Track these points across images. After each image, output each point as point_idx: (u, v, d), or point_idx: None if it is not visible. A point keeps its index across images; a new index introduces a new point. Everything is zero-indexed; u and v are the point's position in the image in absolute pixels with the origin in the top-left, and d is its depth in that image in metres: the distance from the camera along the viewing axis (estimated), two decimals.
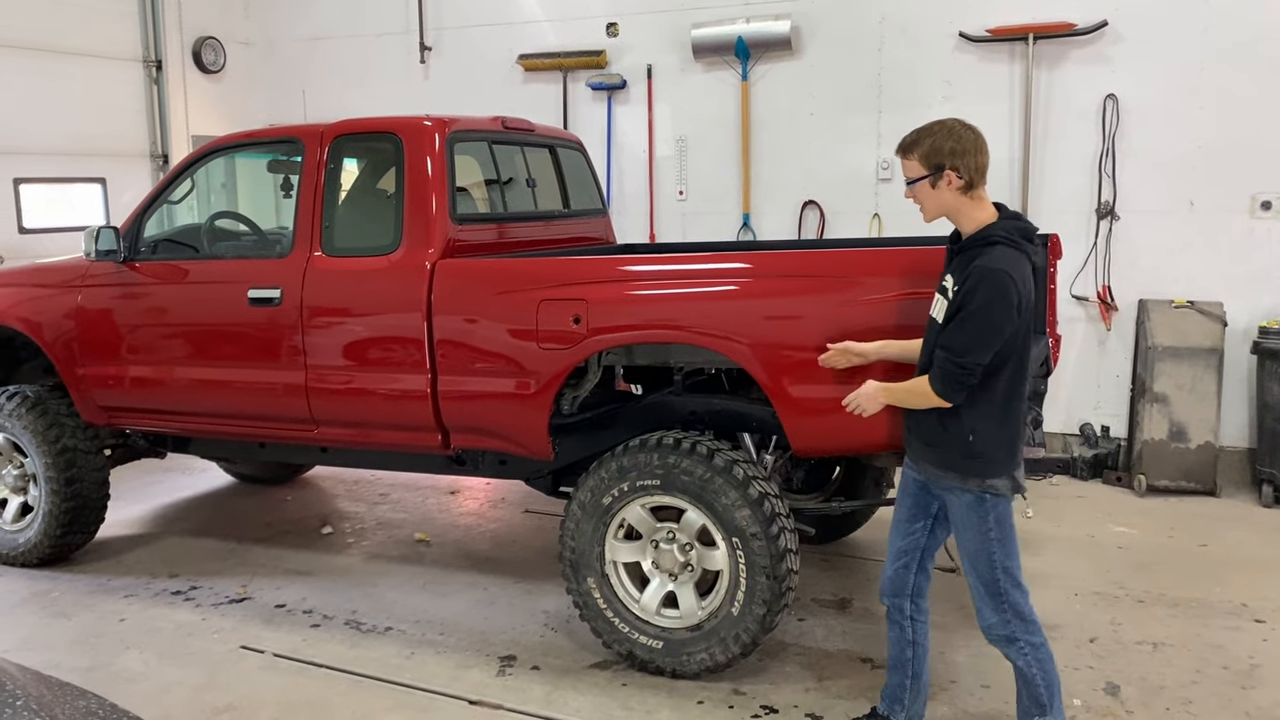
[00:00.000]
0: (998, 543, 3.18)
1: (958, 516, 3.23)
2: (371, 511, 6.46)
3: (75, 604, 5.03)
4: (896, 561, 3.47)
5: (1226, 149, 6.52)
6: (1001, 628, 3.23)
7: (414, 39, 8.74)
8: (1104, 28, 6.69)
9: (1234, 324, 6.52)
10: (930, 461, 3.27)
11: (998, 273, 3.00)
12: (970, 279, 3.03)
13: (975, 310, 3.01)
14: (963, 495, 3.18)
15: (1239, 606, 4.74)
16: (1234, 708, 3.84)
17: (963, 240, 3.18)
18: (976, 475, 3.15)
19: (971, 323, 3.02)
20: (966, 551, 3.24)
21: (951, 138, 3.13)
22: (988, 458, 3.15)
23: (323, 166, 4.71)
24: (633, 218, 8.10)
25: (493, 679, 4.18)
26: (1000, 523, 3.18)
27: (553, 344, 4.14)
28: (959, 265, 3.13)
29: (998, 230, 3.11)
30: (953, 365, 3.05)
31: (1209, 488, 6.39)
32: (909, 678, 3.56)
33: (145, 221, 5.14)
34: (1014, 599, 3.21)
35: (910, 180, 3.20)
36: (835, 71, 7.46)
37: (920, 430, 3.28)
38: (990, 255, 3.05)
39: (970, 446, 3.14)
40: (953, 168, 3.11)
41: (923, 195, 3.20)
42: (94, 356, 5.22)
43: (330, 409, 4.69)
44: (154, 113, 8.79)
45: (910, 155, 3.19)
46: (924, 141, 3.15)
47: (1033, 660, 3.23)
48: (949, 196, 3.15)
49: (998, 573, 3.19)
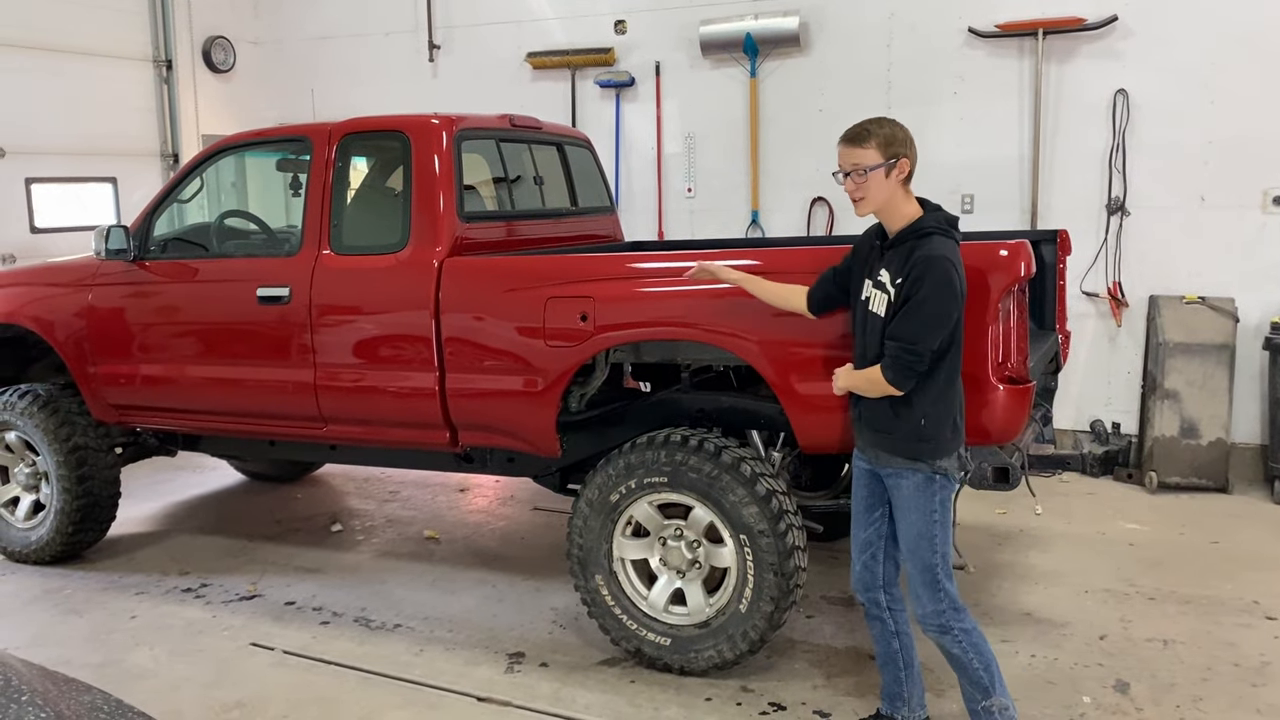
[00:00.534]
0: (940, 525, 3.25)
1: (904, 499, 3.29)
2: (381, 509, 6.48)
3: (87, 601, 5.05)
4: (863, 554, 3.50)
5: (1238, 144, 6.48)
6: (937, 617, 3.29)
7: (423, 37, 8.76)
8: (1114, 22, 6.65)
9: (1246, 320, 6.48)
10: (881, 447, 3.31)
11: (941, 260, 3.09)
12: (915, 269, 3.09)
13: (924, 299, 3.07)
14: (912, 477, 3.24)
15: (1250, 604, 4.71)
16: (1245, 705, 3.82)
17: (893, 235, 3.24)
18: (928, 457, 3.22)
19: (921, 311, 3.09)
20: (907, 535, 3.30)
21: (900, 129, 3.22)
22: (938, 440, 3.23)
23: (331, 165, 4.72)
24: (641, 215, 8.09)
25: (501, 676, 4.19)
26: (944, 505, 3.27)
27: (560, 341, 4.14)
28: (893, 258, 3.19)
29: (929, 222, 3.19)
30: (905, 354, 3.11)
31: (1221, 484, 6.36)
32: (902, 670, 3.58)
33: (155, 220, 5.16)
34: (948, 587, 3.29)
35: (867, 168, 3.19)
36: (844, 68, 7.44)
37: (871, 418, 3.32)
38: (931, 244, 3.13)
39: (922, 430, 3.21)
40: (906, 155, 3.19)
41: (875, 185, 3.21)
42: (104, 355, 5.24)
43: (339, 407, 4.71)
44: (164, 112, 8.83)
45: (865, 144, 3.20)
46: (880, 131, 3.21)
47: (968, 646, 3.29)
48: (893, 188, 3.20)
49: (937, 558, 3.26)
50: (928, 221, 3.19)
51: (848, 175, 3.24)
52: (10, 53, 7.62)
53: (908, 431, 3.23)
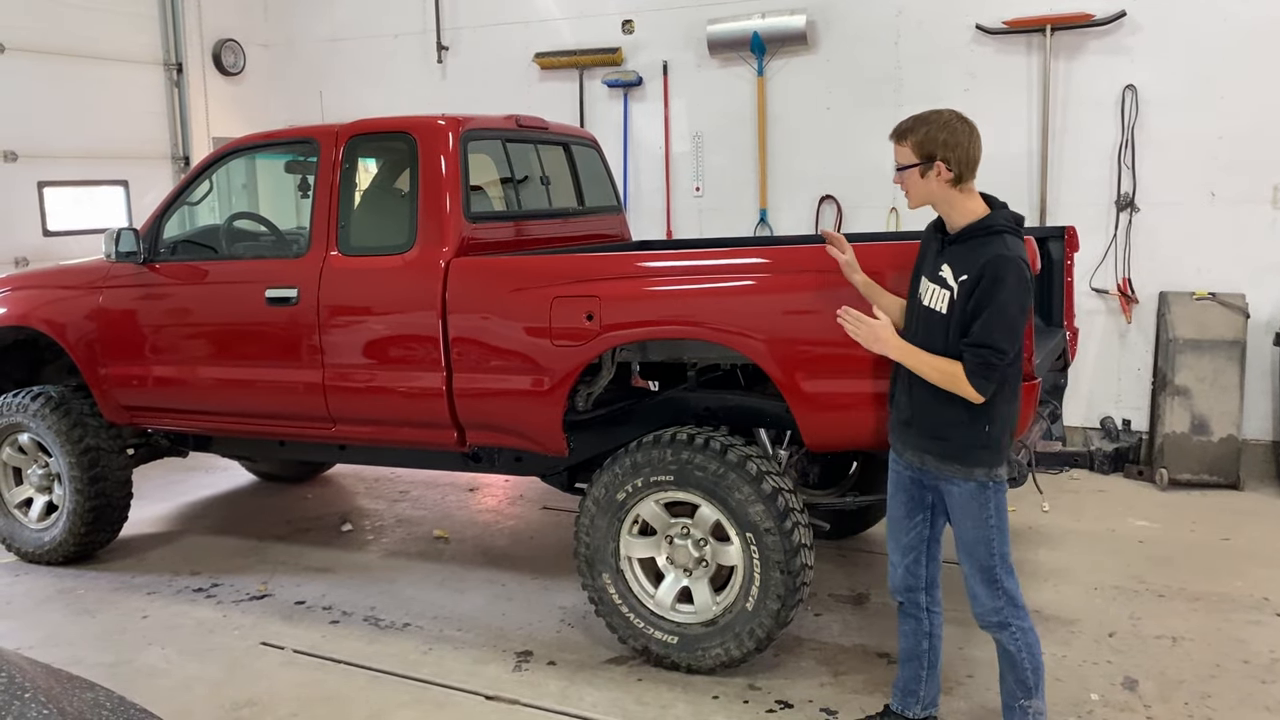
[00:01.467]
0: (997, 530, 3.20)
1: (958, 506, 3.23)
2: (391, 509, 6.50)
3: (99, 601, 5.09)
4: (905, 558, 3.46)
5: (1247, 139, 6.44)
6: (995, 614, 3.25)
7: (431, 39, 8.79)
8: (1122, 18, 6.63)
9: (1256, 315, 6.44)
10: (934, 453, 3.23)
11: (1014, 260, 3.02)
12: (988, 270, 3.00)
13: (1004, 302, 2.99)
14: (964, 485, 3.18)
15: (1260, 600, 4.70)
16: (1254, 702, 3.81)
17: (955, 231, 3.17)
18: (985, 465, 3.15)
19: (1003, 315, 3.00)
20: (964, 540, 3.25)
21: (945, 130, 3.13)
22: (998, 447, 3.16)
23: (338, 166, 4.75)
24: (649, 215, 8.10)
25: (509, 674, 4.20)
26: (999, 509, 3.21)
27: (566, 341, 4.16)
28: (958, 255, 3.12)
29: (998, 220, 3.12)
30: (995, 359, 3.01)
31: (1232, 481, 6.33)
32: (924, 669, 3.56)
33: (164, 223, 5.20)
34: (1008, 585, 3.24)
35: (900, 167, 3.21)
36: (852, 65, 7.44)
37: (926, 423, 3.23)
38: (1001, 244, 3.05)
39: (986, 436, 3.13)
40: (943, 159, 3.11)
41: (910, 183, 3.21)
42: (115, 357, 5.28)
43: (347, 407, 4.73)
44: (175, 115, 8.88)
45: (904, 142, 3.19)
46: (918, 130, 3.16)
47: (1022, 644, 3.26)
48: (936, 187, 3.16)
49: (995, 559, 3.21)
50: (996, 219, 3.11)
51: (897, 172, 3.23)
52: (22, 57, 7.68)
53: (969, 439, 3.14)
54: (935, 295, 3.17)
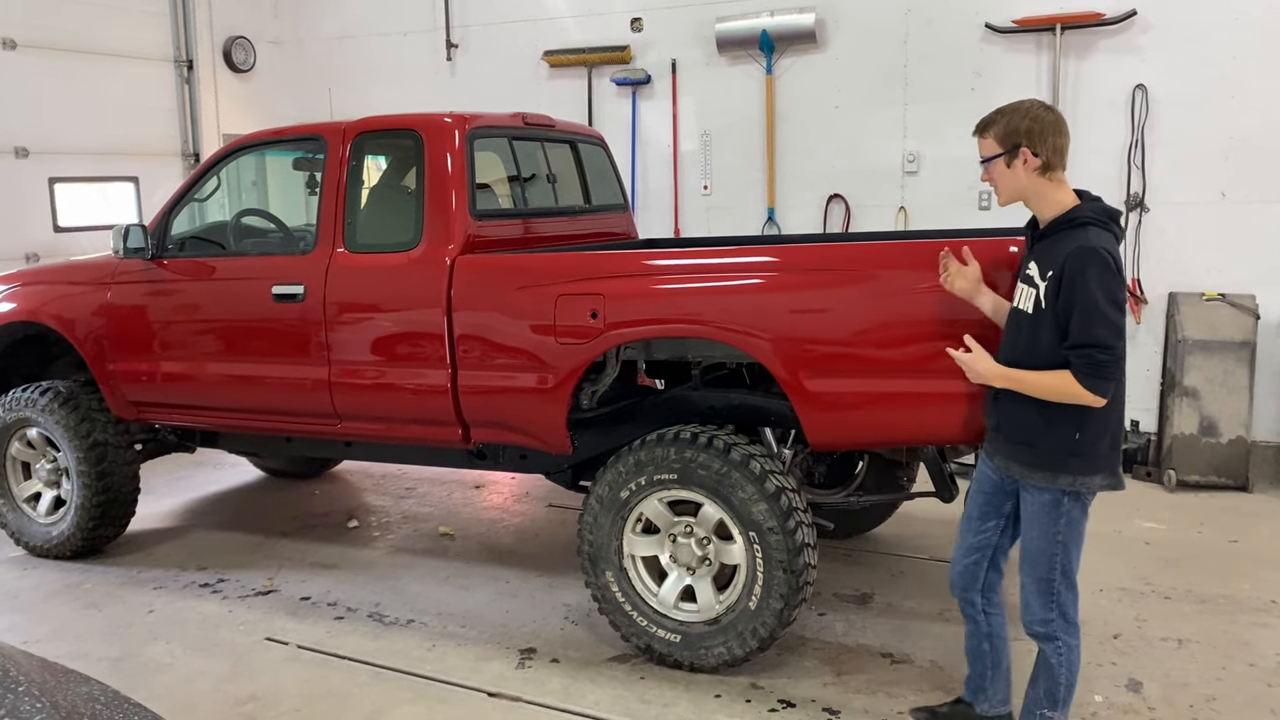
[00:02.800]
0: (1062, 545, 3.11)
1: (1030, 513, 3.15)
2: (397, 505, 6.52)
3: (106, 595, 5.12)
4: (967, 557, 3.40)
5: (1258, 139, 6.41)
6: (1045, 625, 3.19)
7: (440, 36, 8.80)
8: (1133, 17, 6.60)
9: (1266, 316, 6.41)
10: (1018, 460, 3.13)
11: (1098, 251, 2.90)
12: (1071, 263, 2.90)
13: (1093, 294, 2.87)
14: (1042, 494, 3.09)
15: (1268, 603, 4.67)
16: (1259, 705, 3.79)
17: (1044, 225, 3.08)
18: (1073, 473, 3.04)
19: (1100, 308, 2.87)
20: (1029, 548, 3.17)
21: (1028, 117, 3.06)
22: (1092, 455, 3.03)
23: (345, 164, 4.75)
24: (658, 213, 8.10)
25: (512, 671, 4.21)
26: (1071, 525, 3.10)
27: (570, 339, 4.16)
28: (1043, 251, 3.04)
29: (1085, 211, 3.01)
30: (1106, 357, 2.89)
31: (1241, 483, 6.29)
32: (989, 668, 3.53)
33: (173, 219, 5.21)
34: (1064, 600, 3.16)
35: (985, 159, 3.12)
36: (861, 64, 7.42)
37: (1015, 428, 3.14)
38: (1085, 235, 2.94)
39: (1077, 444, 3.01)
40: (1028, 145, 3.04)
41: (997, 175, 3.12)
42: (124, 352, 5.30)
43: (353, 403, 4.74)
44: (185, 112, 8.91)
45: (986, 134, 3.11)
46: (1000, 120, 3.08)
47: (1064, 660, 3.21)
48: (1024, 178, 3.07)
49: (1055, 573, 3.13)
50: (1082, 211, 3.00)
51: (983, 166, 3.15)
52: (33, 54, 7.72)
53: (1057, 444, 3.02)
54: (1024, 295, 3.08)
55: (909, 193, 7.38)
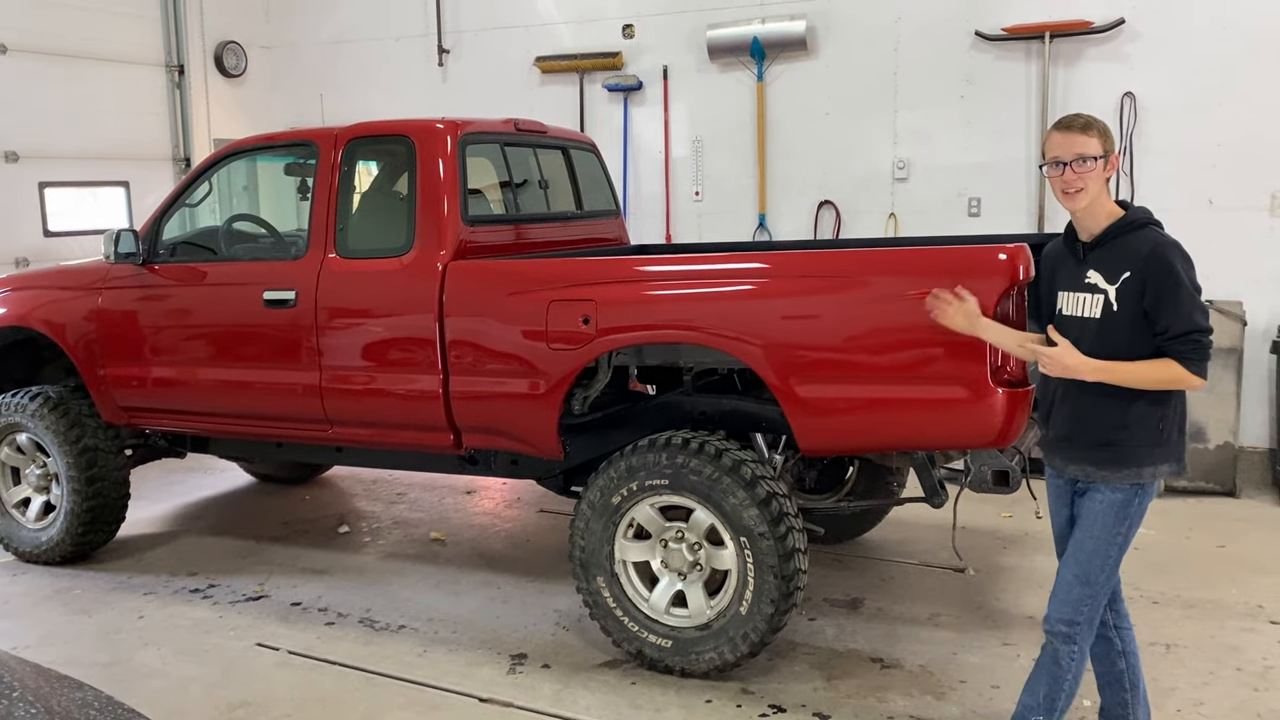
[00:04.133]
0: (1119, 546, 3.11)
1: (1095, 512, 3.11)
2: (388, 511, 6.51)
3: (96, 601, 5.10)
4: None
5: (1245, 146, 6.46)
6: (1069, 626, 3.14)
7: (432, 42, 8.81)
8: (1121, 25, 6.65)
9: (1254, 323, 6.45)
10: (1102, 462, 3.09)
11: (1177, 245, 3.01)
12: (1153, 261, 2.96)
13: (1182, 282, 2.94)
14: (1112, 493, 3.07)
15: (1255, 608, 4.70)
16: (1246, 709, 3.81)
17: (1097, 234, 3.10)
18: (1156, 462, 3.05)
19: (1186, 295, 2.94)
20: (1084, 547, 3.12)
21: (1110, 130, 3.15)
22: (1170, 443, 3.07)
23: (336, 169, 4.76)
24: (649, 219, 8.13)
25: (503, 677, 4.21)
26: (1133, 525, 3.10)
27: (562, 344, 4.17)
28: (1104, 257, 3.07)
29: (1141, 214, 3.10)
30: (1207, 340, 2.97)
31: (1228, 488, 6.33)
32: (1126, 690, 3.38)
33: (163, 224, 5.22)
34: (1097, 606, 3.14)
35: (1090, 157, 3.05)
36: (851, 71, 7.46)
37: (1098, 429, 3.09)
38: (1153, 234, 3.04)
39: (1159, 433, 3.04)
40: (1115, 153, 3.12)
41: (1093, 176, 3.07)
42: (114, 357, 5.29)
43: (344, 409, 4.74)
44: (176, 117, 8.92)
45: (1090, 132, 3.08)
46: (1099, 123, 3.12)
47: (1074, 666, 3.18)
48: (1103, 184, 3.11)
49: (1103, 575, 3.11)
50: (1139, 214, 3.09)
51: (1068, 165, 3.06)
52: (24, 58, 7.71)
53: (1143, 438, 3.03)
54: (1084, 303, 3.10)
55: (899, 199, 7.42)
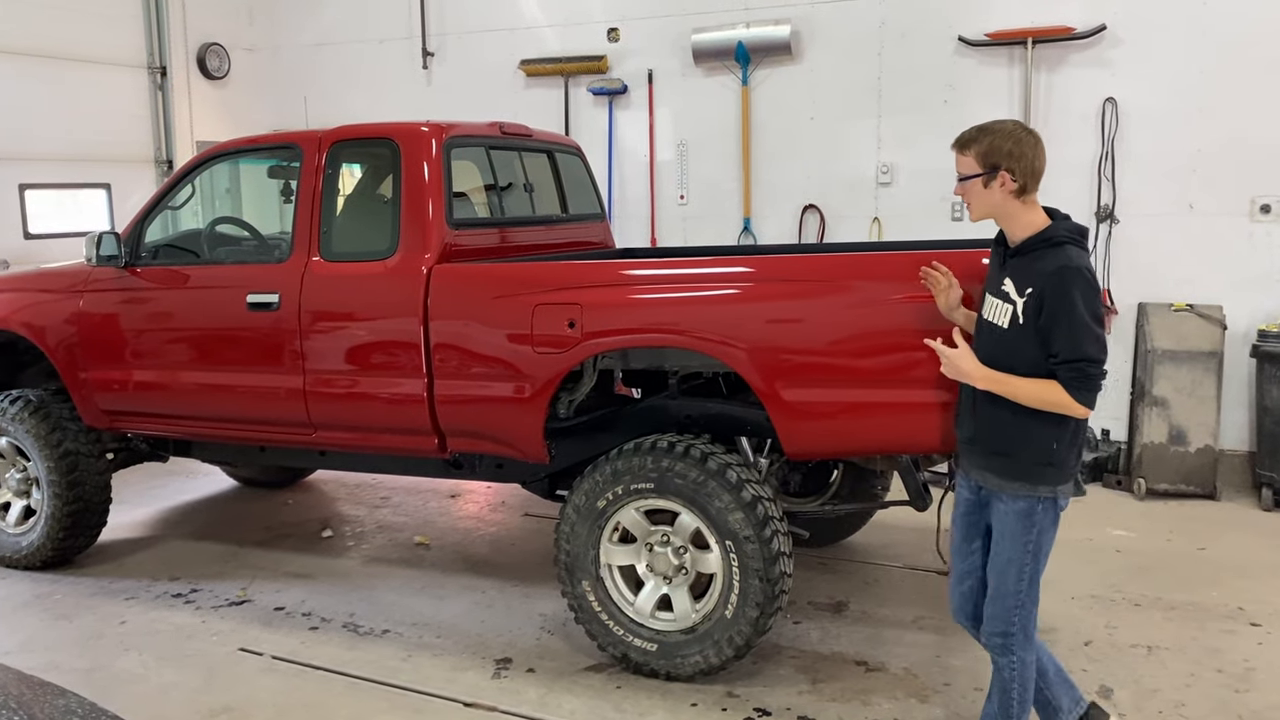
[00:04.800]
0: (1032, 555, 3.13)
1: (1004, 523, 3.15)
2: (372, 515, 6.49)
3: (77, 606, 5.06)
4: (961, 585, 3.39)
5: (1226, 152, 6.51)
6: (1003, 637, 3.20)
7: (416, 45, 8.79)
8: (1103, 31, 6.69)
9: (1233, 327, 6.51)
10: (995, 471, 3.15)
11: (1080, 270, 2.95)
12: (1056, 283, 2.94)
13: (1075, 309, 2.92)
14: (1014, 503, 3.11)
15: (1236, 610, 4.73)
16: (1228, 711, 3.84)
17: (1017, 244, 3.10)
18: (1050, 482, 3.08)
19: (1082, 322, 2.92)
20: (1000, 559, 3.17)
21: (1010, 139, 3.06)
22: (1064, 464, 3.08)
23: (320, 172, 4.75)
24: (634, 222, 8.13)
25: (488, 681, 4.20)
26: (1043, 533, 3.12)
27: (547, 348, 4.17)
28: (1019, 268, 3.06)
29: (1060, 230, 3.04)
30: (1095, 371, 2.94)
31: (1209, 491, 6.38)
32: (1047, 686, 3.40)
33: (146, 227, 5.18)
34: (1026, 615, 3.18)
35: (963, 177, 3.13)
36: (835, 76, 7.48)
37: (994, 438, 3.14)
38: (1065, 254, 2.98)
39: (1053, 453, 3.05)
40: (1008, 169, 3.04)
41: (973, 194, 3.12)
42: (96, 361, 5.26)
43: (328, 413, 4.72)
44: (159, 118, 8.86)
45: (966, 151, 3.11)
46: (983, 139, 3.08)
47: (1017, 677, 3.23)
48: (999, 198, 3.08)
49: (1024, 584, 3.14)
50: (1058, 230, 3.04)
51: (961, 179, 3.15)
52: (4, 59, 7.65)
53: (1036, 455, 3.06)
54: (997, 310, 3.10)
55: (883, 203, 7.44)
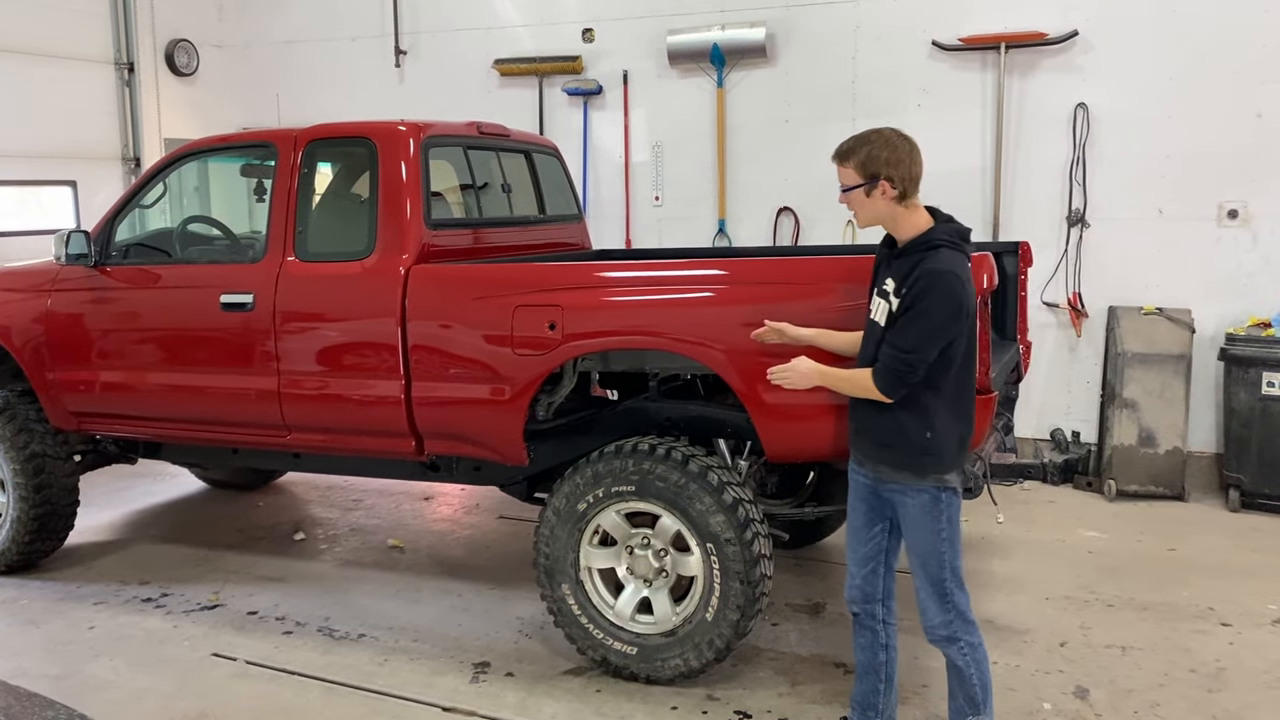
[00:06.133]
0: (948, 542, 3.24)
1: (910, 517, 3.26)
2: (344, 518, 6.43)
3: (44, 611, 4.97)
4: (863, 568, 3.48)
5: (1194, 158, 6.60)
6: (945, 628, 3.29)
7: (389, 43, 8.72)
8: (1075, 37, 6.76)
9: (1202, 330, 6.60)
10: (884, 463, 3.27)
11: (946, 274, 3.07)
12: (919, 281, 3.07)
13: (924, 310, 3.06)
14: (917, 495, 3.22)
15: (1206, 610, 4.80)
16: (1201, 710, 3.89)
17: (902, 245, 3.23)
18: (933, 472, 3.19)
19: (919, 322, 3.07)
20: (916, 552, 3.28)
21: (888, 148, 3.16)
22: (944, 454, 3.19)
23: (296, 171, 4.69)
24: (609, 223, 8.11)
25: (466, 686, 4.17)
26: (951, 521, 3.24)
27: (528, 350, 4.14)
28: (900, 268, 3.18)
29: (939, 234, 3.16)
30: (898, 362, 3.09)
31: (1177, 492, 6.46)
32: (882, 681, 3.57)
33: (117, 226, 5.11)
34: (958, 599, 3.28)
35: (845, 188, 3.25)
36: (810, 79, 7.50)
37: (874, 433, 3.28)
38: (936, 258, 3.10)
39: (929, 443, 3.18)
40: (887, 178, 3.15)
41: (857, 203, 3.25)
42: (64, 361, 5.17)
43: (303, 414, 4.67)
44: (126, 115, 8.73)
45: (846, 163, 3.23)
46: (860, 150, 3.19)
47: (971, 660, 3.30)
48: (883, 205, 3.20)
49: (946, 572, 3.25)
50: (937, 233, 3.16)
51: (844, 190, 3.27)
52: None
53: (913, 446, 3.19)
54: (879, 308, 3.24)
55: None
